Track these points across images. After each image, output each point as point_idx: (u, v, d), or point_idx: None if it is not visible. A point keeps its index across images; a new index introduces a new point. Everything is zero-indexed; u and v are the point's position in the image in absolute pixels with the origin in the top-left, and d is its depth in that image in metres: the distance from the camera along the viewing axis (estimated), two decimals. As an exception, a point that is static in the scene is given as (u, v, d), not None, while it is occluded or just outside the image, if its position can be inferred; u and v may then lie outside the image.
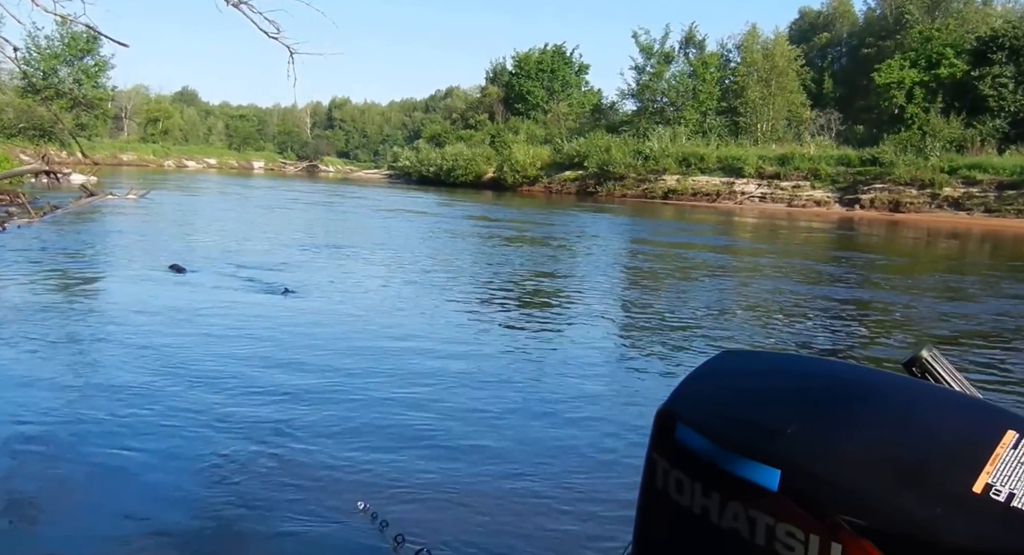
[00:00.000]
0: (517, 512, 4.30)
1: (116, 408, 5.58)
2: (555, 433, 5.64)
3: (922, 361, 1.27)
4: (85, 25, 14.11)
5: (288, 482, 4.48)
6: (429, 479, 4.63)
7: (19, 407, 5.52)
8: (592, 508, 4.39)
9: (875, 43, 58.99)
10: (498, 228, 24.16)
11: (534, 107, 68.31)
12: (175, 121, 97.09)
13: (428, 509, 4.25)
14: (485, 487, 4.60)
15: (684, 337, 9.39)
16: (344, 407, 5.90)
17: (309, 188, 48.79)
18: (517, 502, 4.43)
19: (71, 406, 5.61)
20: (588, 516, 4.30)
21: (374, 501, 4.21)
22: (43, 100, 48.96)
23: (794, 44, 60.45)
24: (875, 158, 43.85)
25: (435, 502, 4.33)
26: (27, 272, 11.45)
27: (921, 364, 1.27)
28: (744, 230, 30.58)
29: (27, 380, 6.19)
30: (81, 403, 5.69)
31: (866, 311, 11.97)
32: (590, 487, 4.66)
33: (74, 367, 6.72)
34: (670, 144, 50.94)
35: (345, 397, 6.15)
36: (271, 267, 12.96)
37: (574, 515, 4.32)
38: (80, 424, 5.27)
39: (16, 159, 34.88)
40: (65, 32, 66.53)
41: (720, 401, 1.22)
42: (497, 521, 4.19)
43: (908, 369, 1.28)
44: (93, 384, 6.19)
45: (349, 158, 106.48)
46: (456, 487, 4.55)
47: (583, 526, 4.19)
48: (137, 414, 5.49)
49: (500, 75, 74.88)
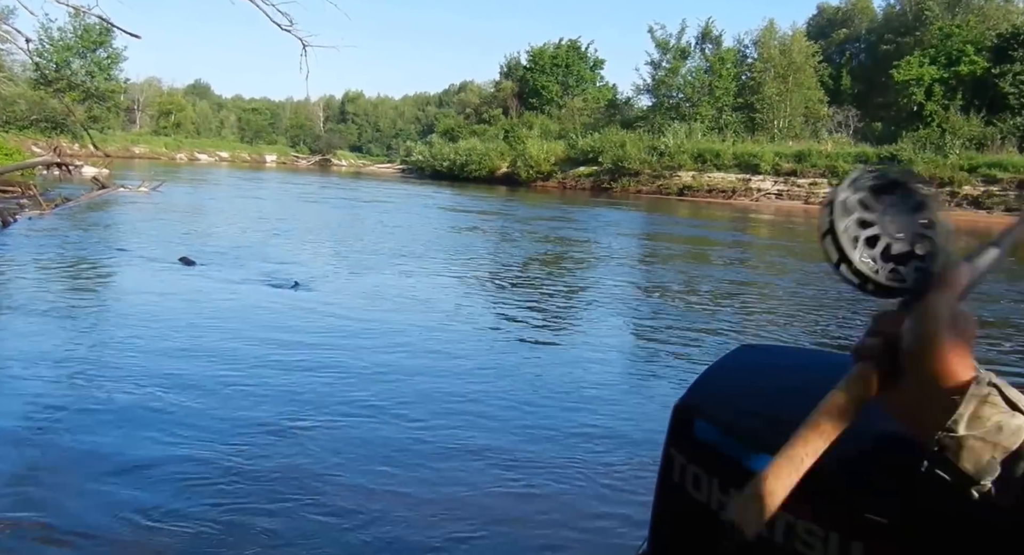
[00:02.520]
0: (531, 509, 4.24)
1: (122, 400, 5.54)
2: (569, 429, 5.52)
3: None
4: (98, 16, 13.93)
5: (297, 479, 4.40)
6: (444, 476, 4.57)
7: (26, 398, 5.49)
8: (606, 504, 4.32)
9: (894, 39, 58.37)
10: (511, 223, 23.92)
11: (548, 102, 68.04)
12: (187, 114, 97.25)
13: (443, 508, 4.17)
14: (497, 484, 4.52)
15: (700, 333, 9.22)
16: (352, 403, 5.77)
17: (321, 182, 48.60)
18: (531, 499, 4.36)
19: (77, 398, 5.56)
20: (602, 512, 4.23)
21: (386, 500, 4.21)
22: (55, 92, 48.90)
23: (812, 40, 59.98)
24: (893, 156, 43.32)
25: (449, 501, 4.25)
26: (37, 264, 11.36)
27: None
28: (760, 227, 30.22)
29: (33, 372, 6.14)
30: (87, 395, 5.63)
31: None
32: (605, 483, 4.59)
33: (81, 358, 6.61)
34: (685, 140, 50.50)
35: (352, 392, 6.03)
36: (281, 260, 12.81)
37: (588, 511, 4.25)
38: (85, 415, 5.23)
39: (28, 151, 34.84)
40: (78, 24, 66.73)
41: (739, 396, 1.22)
42: (511, 518, 4.14)
43: None
44: (99, 376, 6.10)
45: (362, 152, 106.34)
46: (470, 485, 4.48)
47: (597, 522, 4.12)
48: (142, 406, 5.44)
49: (514, 70, 74.62)
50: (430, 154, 66.68)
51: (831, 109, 55.63)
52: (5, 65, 33.52)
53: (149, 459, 4.54)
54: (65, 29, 69.75)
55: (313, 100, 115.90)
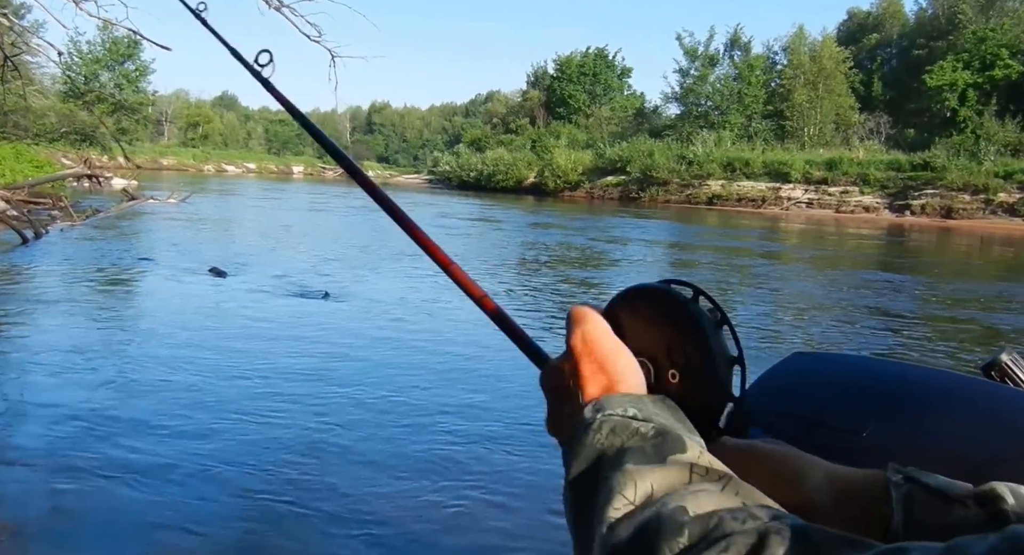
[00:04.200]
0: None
1: (151, 409, 5.55)
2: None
3: (1002, 364, 1.23)
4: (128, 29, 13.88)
5: (325, 493, 4.33)
6: (498, 500, 4.39)
7: (56, 408, 5.48)
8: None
9: (926, 44, 57.55)
10: (541, 234, 23.66)
11: (576, 111, 67.90)
12: (215, 126, 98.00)
13: (474, 519, 4.12)
14: (534, 494, 4.45)
15: (747, 340, 8.84)
16: (381, 414, 5.71)
17: (348, 193, 48.62)
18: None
19: (106, 408, 5.55)
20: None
21: (411, 508, 4.18)
22: (85, 104, 49.22)
23: (842, 46, 59.42)
24: (926, 163, 42.71)
25: (475, 511, 4.19)
26: (69, 274, 11.34)
27: (1001, 367, 1.23)
28: (791, 236, 29.83)
29: (64, 381, 6.16)
30: (116, 405, 5.64)
31: (928, 317, 11.48)
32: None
33: (112, 367, 6.66)
34: (714, 149, 50.13)
35: (382, 404, 5.96)
36: (311, 271, 12.70)
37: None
38: (114, 424, 5.23)
39: (58, 163, 34.99)
40: (107, 37, 67.34)
41: (793, 402, 1.21)
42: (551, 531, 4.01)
43: (987, 373, 1.24)
44: (129, 385, 6.17)
45: (389, 163, 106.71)
46: (508, 495, 4.43)
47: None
48: (171, 416, 5.43)
49: (541, 79, 74.57)
50: (457, 164, 66.66)
51: (862, 116, 55.07)
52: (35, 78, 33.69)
53: (176, 466, 4.53)
54: (94, 42, 70.53)
55: (340, 111, 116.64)
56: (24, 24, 22.47)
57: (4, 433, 5.05)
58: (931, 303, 12.85)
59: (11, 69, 13.76)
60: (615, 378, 0.74)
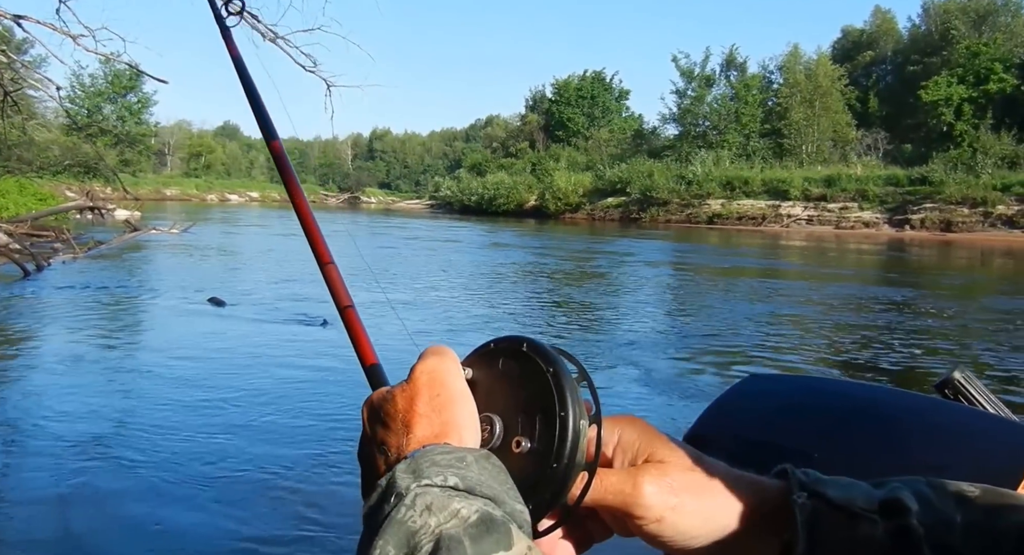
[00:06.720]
0: None
1: (151, 438, 5.60)
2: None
3: (955, 382, 1.25)
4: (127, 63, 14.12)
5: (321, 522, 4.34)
6: None
7: (60, 439, 5.55)
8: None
9: (921, 60, 57.93)
10: (541, 257, 23.80)
11: (575, 134, 68.29)
12: (217, 155, 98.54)
13: None
14: None
15: (718, 360, 9.15)
16: None
17: (351, 220, 48.83)
18: None
19: (109, 437, 5.65)
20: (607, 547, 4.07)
21: None
22: (87, 137, 49.59)
23: (837, 63, 59.85)
24: (924, 177, 42.95)
25: None
26: (71, 307, 11.40)
27: (954, 386, 1.25)
28: (791, 253, 29.93)
29: (67, 413, 6.24)
30: (117, 435, 5.72)
31: (916, 333, 11.45)
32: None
33: (113, 397, 6.73)
34: (713, 168, 50.44)
35: None
36: (310, 299, 12.73)
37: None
38: (116, 452, 5.32)
39: (61, 195, 35.30)
40: (108, 70, 67.86)
41: (746, 426, 1.20)
42: None
43: (940, 391, 1.26)
44: (129, 414, 6.23)
45: (391, 189, 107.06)
46: None
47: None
48: (170, 445, 5.47)
49: (540, 102, 75.06)
50: (458, 189, 67.00)
51: (859, 132, 55.32)
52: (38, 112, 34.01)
53: (172, 497, 4.57)
54: (96, 75, 71.13)
55: (341, 138, 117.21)
56: (26, 59, 22.83)
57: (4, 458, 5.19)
58: (927, 314, 12.93)
59: (11, 104, 13.96)
60: (449, 425, 0.66)
